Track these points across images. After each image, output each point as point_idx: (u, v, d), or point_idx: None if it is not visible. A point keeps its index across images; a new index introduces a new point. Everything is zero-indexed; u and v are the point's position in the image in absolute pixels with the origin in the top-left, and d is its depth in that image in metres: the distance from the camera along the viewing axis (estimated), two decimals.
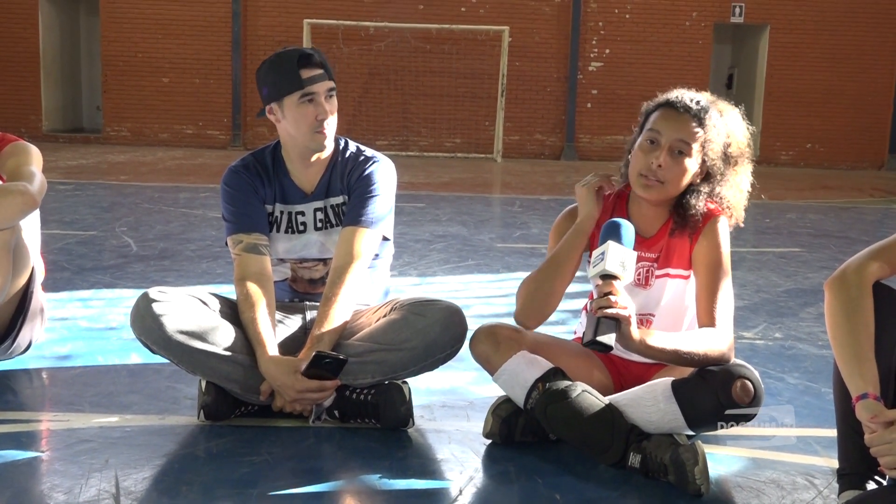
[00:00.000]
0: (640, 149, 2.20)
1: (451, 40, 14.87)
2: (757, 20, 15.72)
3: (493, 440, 2.23)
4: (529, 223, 7.04)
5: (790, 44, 15.58)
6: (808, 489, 2.01)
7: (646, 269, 2.27)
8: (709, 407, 2.02)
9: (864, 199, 10.40)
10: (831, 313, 1.81)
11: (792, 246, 6.06)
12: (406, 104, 14.83)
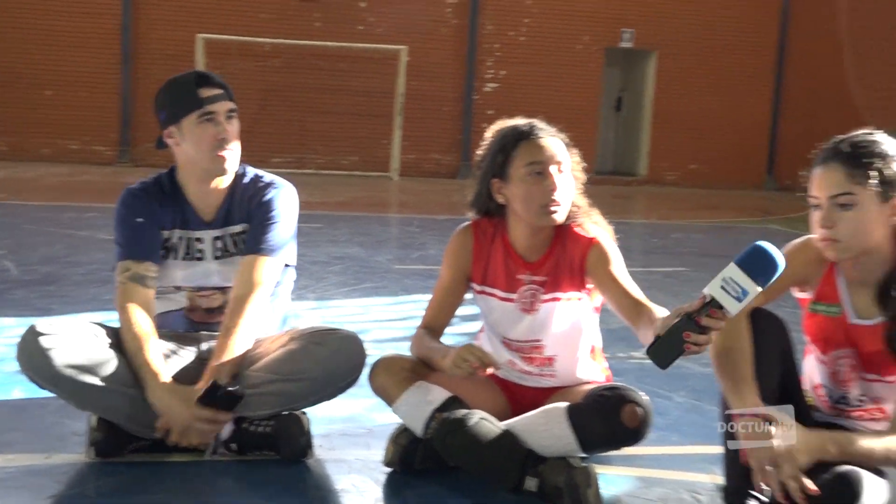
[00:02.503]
0: (528, 181, 2.24)
1: (348, 58, 14.92)
2: (645, 46, 16.41)
3: (394, 469, 2.26)
4: (427, 244, 7.14)
5: (676, 69, 16.33)
6: None
7: (531, 294, 2.33)
8: (600, 431, 2.12)
9: (746, 219, 10.96)
10: (716, 345, 1.92)
11: (678, 265, 6.34)
12: (303, 121, 14.75)
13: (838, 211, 1.89)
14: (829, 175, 1.91)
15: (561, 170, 2.25)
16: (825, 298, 2.05)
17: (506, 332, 2.38)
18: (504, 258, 2.36)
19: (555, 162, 2.25)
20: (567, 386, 2.37)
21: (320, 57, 14.81)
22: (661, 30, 16.13)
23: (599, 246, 2.29)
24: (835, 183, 1.90)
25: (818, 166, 1.94)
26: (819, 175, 1.92)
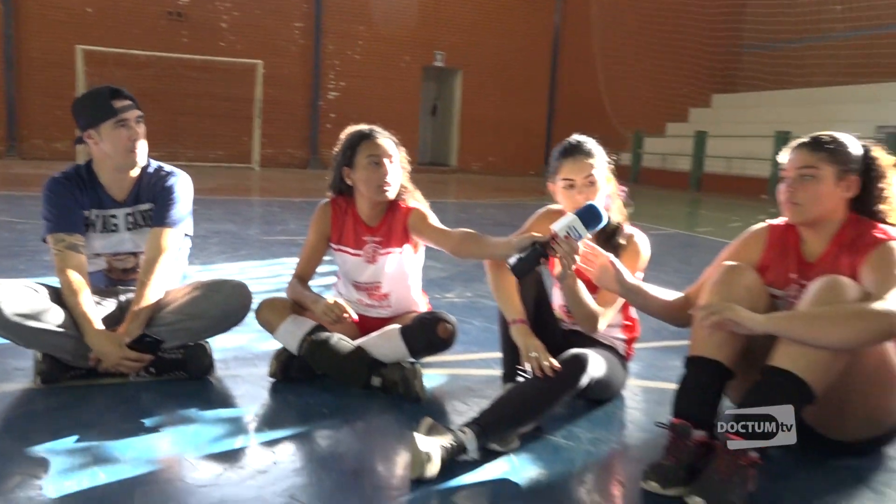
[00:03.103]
0: (368, 169, 2.45)
1: (212, 69, 14.37)
2: (454, 65, 16.87)
3: (276, 378, 2.44)
4: (287, 220, 7.17)
5: (477, 84, 16.92)
6: (487, 389, 2.43)
7: (373, 249, 2.55)
8: (423, 342, 2.40)
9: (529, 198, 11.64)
10: (491, 279, 2.27)
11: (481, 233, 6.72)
12: (174, 122, 14.07)
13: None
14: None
15: (392, 161, 2.51)
16: None
17: (356, 277, 2.60)
18: (353, 225, 2.57)
19: (387, 155, 2.49)
20: (399, 314, 2.63)
21: (188, 67, 14.17)
22: (465, 53, 16.67)
23: (417, 211, 2.54)
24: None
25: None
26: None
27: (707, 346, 1.92)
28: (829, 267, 1.97)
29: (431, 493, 1.73)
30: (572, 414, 2.28)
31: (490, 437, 1.93)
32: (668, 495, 1.74)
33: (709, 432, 1.85)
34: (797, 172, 2.00)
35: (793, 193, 1.99)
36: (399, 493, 1.74)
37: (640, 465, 1.87)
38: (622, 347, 2.44)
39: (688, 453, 1.81)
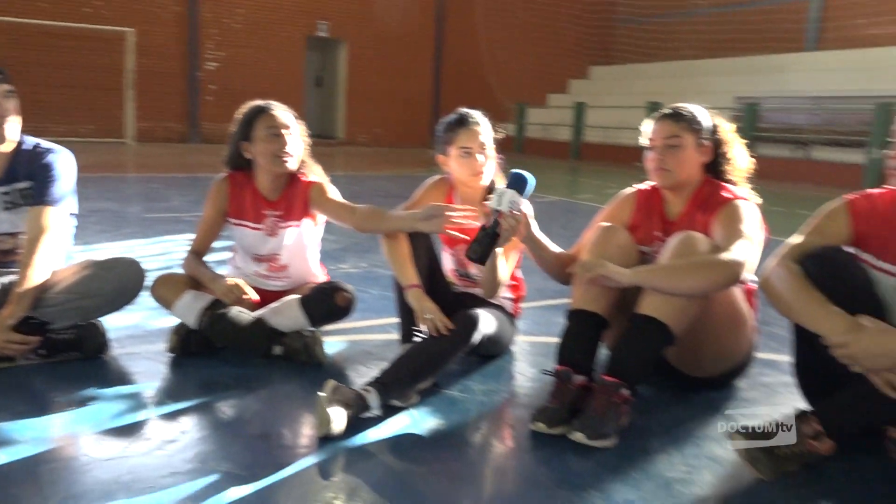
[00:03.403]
0: (267, 141, 2.47)
1: (79, 37, 13.43)
2: (338, 35, 16.61)
3: (176, 353, 2.44)
4: (171, 197, 6.94)
5: (363, 55, 16.77)
6: (386, 352, 2.51)
7: (273, 223, 2.58)
8: (322, 310, 2.48)
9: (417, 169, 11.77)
10: (386, 249, 2.38)
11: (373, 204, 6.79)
12: (36, 94, 13.02)
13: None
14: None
15: (290, 133, 2.54)
16: None
17: (256, 251, 2.62)
18: (252, 199, 2.58)
19: (285, 127, 2.51)
20: (297, 286, 2.68)
21: (50, 35, 13.18)
22: (349, 24, 16.45)
23: (318, 185, 2.58)
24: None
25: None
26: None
27: (585, 300, 2.13)
28: (687, 224, 2.22)
29: (338, 449, 1.84)
30: (466, 369, 2.44)
31: (391, 394, 2.06)
32: (554, 434, 1.94)
33: (588, 377, 2.06)
34: (664, 142, 2.23)
35: (662, 161, 2.22)
36: (307, 451, 1.83)
37: (528, 410, 2.06)
38: (510, 306, 2.62)
39: (570, 396, 2.01)
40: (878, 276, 1.87)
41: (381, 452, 1.86)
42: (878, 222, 1.89)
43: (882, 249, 1.87)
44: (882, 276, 1.87)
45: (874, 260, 1.89)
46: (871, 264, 1.89)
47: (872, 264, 1.89)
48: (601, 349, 2.19)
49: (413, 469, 1.80)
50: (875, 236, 1.89)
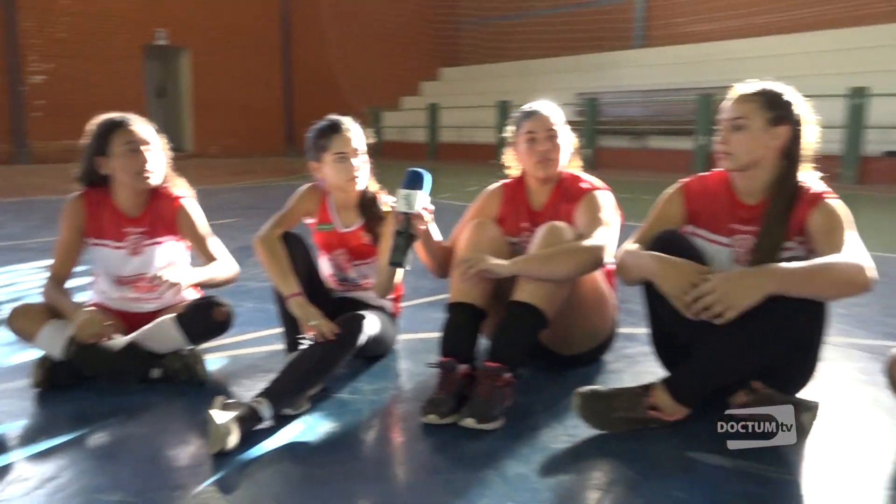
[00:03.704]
0: (126, 156, 2.38)
1: None
2: (178, 43, 15.90)
3: (41, 388, 2.30)
4: (5, 224, 6.38)
5: (208, 64, 16.17)
6: (271, 363, 2.50)
7: (136, 240, 2.47)
8: (200, 327, 2.42)
9: (277, 178, 11.56)
10: (264, 260, 2.38)
11: (232, 217, 6.61)
12: None
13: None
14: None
15: (150, 147, 2.44)
16: (323, 221, 2.58)
17: (118, 272, 2.51)
18: (112, 216, 2.48)
19: (145, 142, 2.42)
20: (171, 305, 2.58)
21: None
22: (190, 32, 15.80)
23: (186, 212, 2.51)
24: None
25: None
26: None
27: (463, 293, 2.25)
28: (551, 214, 2.40)
29: (235, 463, 1.83)
30: (354, 372, 2.49)
31: (282, 403, 2.07)
32: (445, 423, 2.03)
33: (470, 365, 2.18)
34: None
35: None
36: (203, 469, 1.81)
37: (418, 403, 2.14)
38: (390, 306, 2.69)
39: (456, 385, 2.11)
40: (713, 248, 2.13)
41: (279, 461, 1.87)
42: (709, 200, 2.16)
43: (714, 224, 2.14)
44: (716, 247, 2.13)
45: (709, 234, 2.15)
46: (707, 238, 2.15)
47: (708, 238, 2.15)
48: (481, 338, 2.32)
49: (313, 473, 1.82)
50: (706, 213, 2.15)
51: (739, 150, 2.03)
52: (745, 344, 1.86)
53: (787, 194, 2.03)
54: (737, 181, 2.12)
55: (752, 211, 2.08)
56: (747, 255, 2.07)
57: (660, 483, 1.75)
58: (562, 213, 2.39)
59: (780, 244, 2.00)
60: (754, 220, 2.07)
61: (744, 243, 2.09)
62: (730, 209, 2.12)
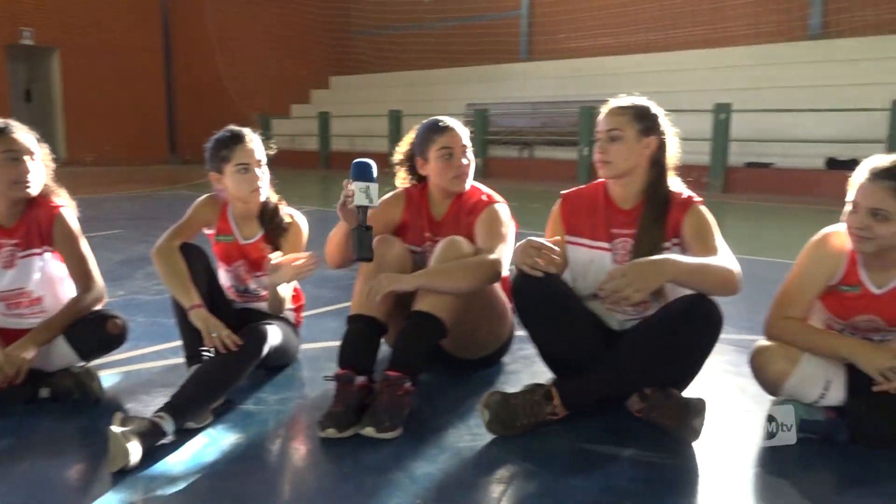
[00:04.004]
0: (1, 168, 2.26)
1: None
2: (47, 43, 14.94)
3: None
4: None
5: (81, 65, 15.29)
6: (169, 377, 2.45)
7: (9, 253, 2.32)
8: (93, 341, 2.33)
9: (159, 187, 11.11)
10: (162, 271, 2.34)
11: (114, 229, 6.32)
12: None
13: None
14: None
15: (32, 158, 2.31)
16: (223, 231, 2.54)
17: None
18: None
19: (27, 152, 2.29)
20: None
21: None
22: (60, 31, 14.88)
23: (63, 228, 2.37)
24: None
25: None
26: None
27: (364, 305, 2.29)
28: (452, 225, 2.49)
29: (139, 480, 1.80)
30: (257, 383, 2.48)
31: (185, 416, 2.04)
32: (345, 436, 2.04)
33: (369, 377, 2.22)
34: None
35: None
36: (104, 488, 1.76)
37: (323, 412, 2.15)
38: (292, 316, 2.70)
39: (353, 397, 2.13)
40: (596, 254, 2.28)
41: (185, 475, 1.84)
42: (587, 210, 2.32)
43: (594, 231, 2.29)
44: (598, 252, 2.28)
45: (590, 241, 2.30)
46: (589, 245, 2.30)
47: (589, 245, 2.30)
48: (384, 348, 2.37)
49: (221, 486, 1.81)
50: (586, 222, 2.31)
51: (617, 159, 2.21)
52: (638, 365, 2.07)
53: (660, 198, 2.23)
54: (613, 188, 2.29)
55: (630, 215, 2.26)
56: (626, 257, 2.23)
57: (558, 474, 1.87)
58: (462, 225, 2.48)
59: (659, 244, 2.19)
60: (632, 224, 2.25)
61: (624, 245, 2.25)
62: (609, 215, 2.28)
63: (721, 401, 2.36)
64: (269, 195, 2.59)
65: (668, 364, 2.08)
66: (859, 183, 2.01)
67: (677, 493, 1.81)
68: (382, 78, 17.42)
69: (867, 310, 2.10)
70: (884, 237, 1.97)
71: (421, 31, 16.92)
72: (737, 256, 2.10)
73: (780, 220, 7.84)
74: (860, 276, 2.09)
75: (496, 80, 14.85)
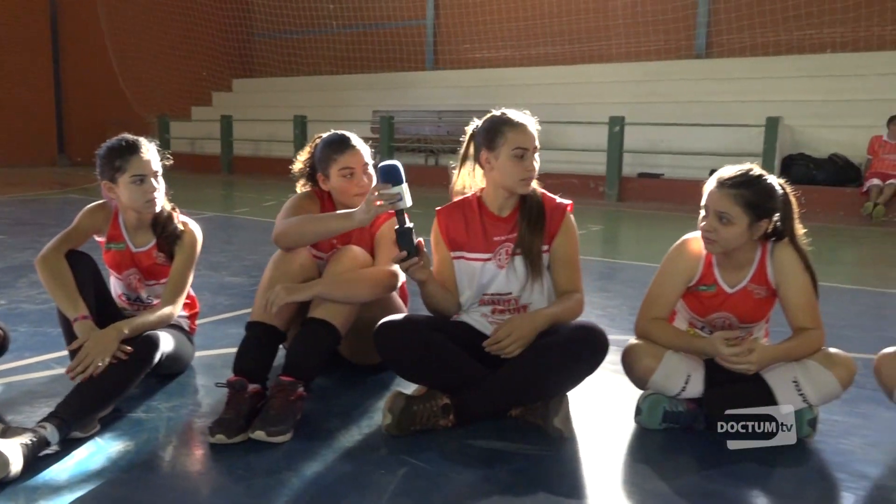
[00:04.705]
0: None
1: None
2: None
3: None
4: None
5: None
6: (54, 387, 2.40)
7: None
8: None
9: (48, 191, 10.55)
10: (46, 281, 2.28)
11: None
12: None
13: None
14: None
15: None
16: (114, 239, 2.52)
17: None
18: None
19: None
20: None
21: None
22: None
23: None
24: None
25: None
26: None
27: (262, 314, 2.32)
28: (357, 232, 2.53)
29: (20, 490, 1.77)
30: (148, 390, 2.47)
31: (71, 426, 2.02)
32: (235, 442, 2.08)
33: (262, 384, 2.25)
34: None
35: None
36: None
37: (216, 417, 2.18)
38: (186, 324, 2.70)
39: (245, 404, 2.16)
40: (476, 265, 2.39)
41: (69, 484, 1.83)
42: (461, 224, 2.42)
43: (476, 244, 2.40)
44: (480, 264, 2.39)
45: (471, 255, 2.40)
46: (471, 258, 2.40)
47: (472, 258, 2.40)
48: None
49: (105, 493, 1.81)
50: (462, 237, 2.41)
51: (488, 180, 2.41)
52: (532, 386, 2.22)
53: (534, 202, 2.39)
54: (490, 199, 2.41)
55: (508, 221, 2.39)
56: (508, 260, 2.36)
57: (443, 468, 1.98)
58: (366, 234, 2.56)
59: (539, 247, 2.35)
60: (511, 229, 2.38)
61: (507, 250, 2.37)
62: (486, 225, 2.40)
63: (599, 396, 2.55)
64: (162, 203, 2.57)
65: (558, 384, 2.25)
66: (709, 190, 2.22)
67: (551, 481, 1.96)
68: (287, 82, 17.18)
69: (722, 307, 2.32)
70: (727, 239, 2.18)
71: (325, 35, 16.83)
72: (625, 262, 2.29)
73: (669, 226, 8.35)
74: (716, 276, 2.31)
75: (402, 88, 14.96)
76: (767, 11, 11.96)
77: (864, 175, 8.95)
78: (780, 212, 2.23)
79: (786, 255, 2.25)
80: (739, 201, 2.17)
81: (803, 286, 2.23)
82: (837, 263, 5.98)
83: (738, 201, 2.17)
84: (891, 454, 2.15)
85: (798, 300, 2.23)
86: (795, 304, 2.24)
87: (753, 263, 2.28)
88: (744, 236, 2.20)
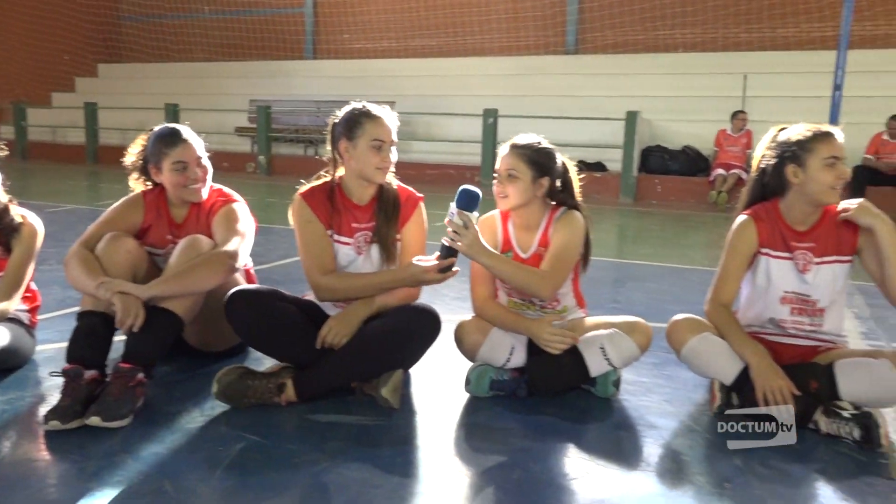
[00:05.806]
0: None
1: None
2: None
3: None
4: None
5: None
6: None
7: None
8: None
9: None
10: None
11: None
12: None
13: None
14: None
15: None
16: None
17: None
18: None
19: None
20: None
21: None
22: None
23: None
24: None
25: None
26: None
27: (94, 302, 2.34)
28: (193, 225, 2.60)
29: None
30: None
31: None
32: (70, 428, 2.11)
33: (101, 371, 2.28)
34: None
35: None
36: None
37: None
38: (26, 317, 2.67)
39: (82, 391, 2.18)
40: (344, 249, 2.53)
41: None
42: (327, 208, 2.56)
43: (342, 229, 2.52)
44: (345, 248, 2.52)
45: (341, 238, 2.53)
46: (341, 242, 2.53)
47: (341, 242, 2.53)
48: None
49: None
50: (336, 221, 2.53)
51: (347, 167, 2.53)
52: (370, 363, 2.38)
53: (390, 193, 2.56)
54: (348, 188, 2.56)
55: (366, 211, 2.55)
56: (367, 246, 2.53)
57: (279, 441, 2.11)
58: (202, 224, 2.61)
59: (394, 236, 2.53)
60: (370, 218, 2.55)
61: (366, 238, 2.54)
62: (347, 213, 2.55)
63: (435, 370, 2.76)
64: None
65: (390, 363, 2.41)
66: (502, 155, 2.57)
67: (382, 446, 2.13)
68: (158, 68, 16.50)
69: None
70: (515, 194, 2.52)
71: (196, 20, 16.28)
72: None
73: None
74: (511, 242, 2.60)
75: (280, 77, 14.75)
76: (627, 11, 12.74)
77: (711, 165, 9.77)
78: (560, 178, 2.57)
79: (565, 217, 2.55)
80: (524, 159, 2.52)
81: (563, 242, 2.50)
82: (678, 246, 6.55)
83: (522, 159, 2.53)
84: (681, 407, 2.49)
85: (553, 249, 2.51)
86: (550, 252, 2.52)
87: (541, 226, 2.58)
88: (529, 190, 2.51)
